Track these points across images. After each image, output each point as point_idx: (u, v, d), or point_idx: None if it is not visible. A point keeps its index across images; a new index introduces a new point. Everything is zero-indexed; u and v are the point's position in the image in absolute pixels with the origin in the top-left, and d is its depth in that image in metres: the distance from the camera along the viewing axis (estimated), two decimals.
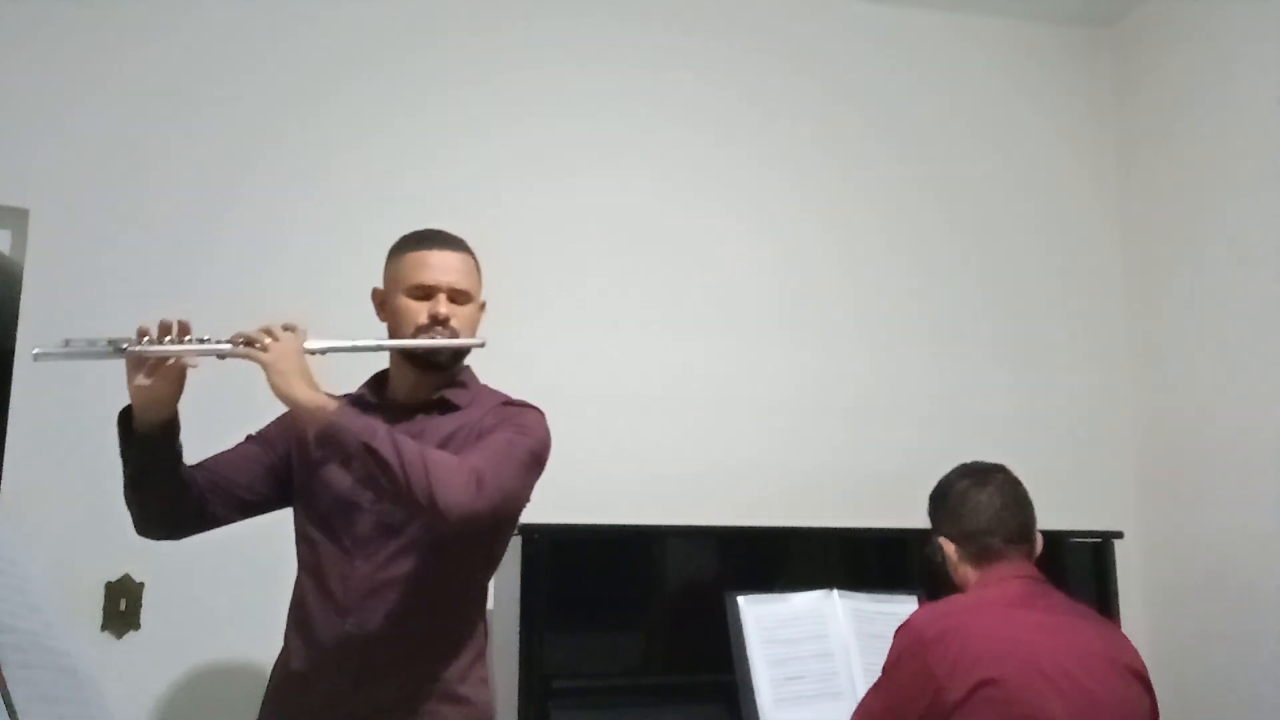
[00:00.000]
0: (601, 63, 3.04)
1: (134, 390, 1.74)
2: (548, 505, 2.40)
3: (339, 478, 1.85)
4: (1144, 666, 1.85)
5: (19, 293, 2.58)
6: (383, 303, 1.97)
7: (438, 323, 1.88)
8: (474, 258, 1.98)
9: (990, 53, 3.35)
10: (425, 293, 1.90)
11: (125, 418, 1.78)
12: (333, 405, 1.69)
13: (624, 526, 2.49)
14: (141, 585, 2.52)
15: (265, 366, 1.71)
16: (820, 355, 3.05)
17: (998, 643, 1.75)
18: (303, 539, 1.93)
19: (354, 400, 1.96)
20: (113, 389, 2.52)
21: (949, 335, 3.16)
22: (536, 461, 1.87)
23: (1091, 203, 3.35)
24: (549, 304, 2.89)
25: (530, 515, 2.28)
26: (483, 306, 2.00)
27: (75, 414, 2.53)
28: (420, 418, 1.91)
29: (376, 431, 1.67)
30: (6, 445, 2.50)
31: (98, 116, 2.67)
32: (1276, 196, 2.80)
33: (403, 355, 1.94)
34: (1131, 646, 1.88)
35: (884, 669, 1.86)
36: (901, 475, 2.90)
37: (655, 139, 3.03)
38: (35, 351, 1.64)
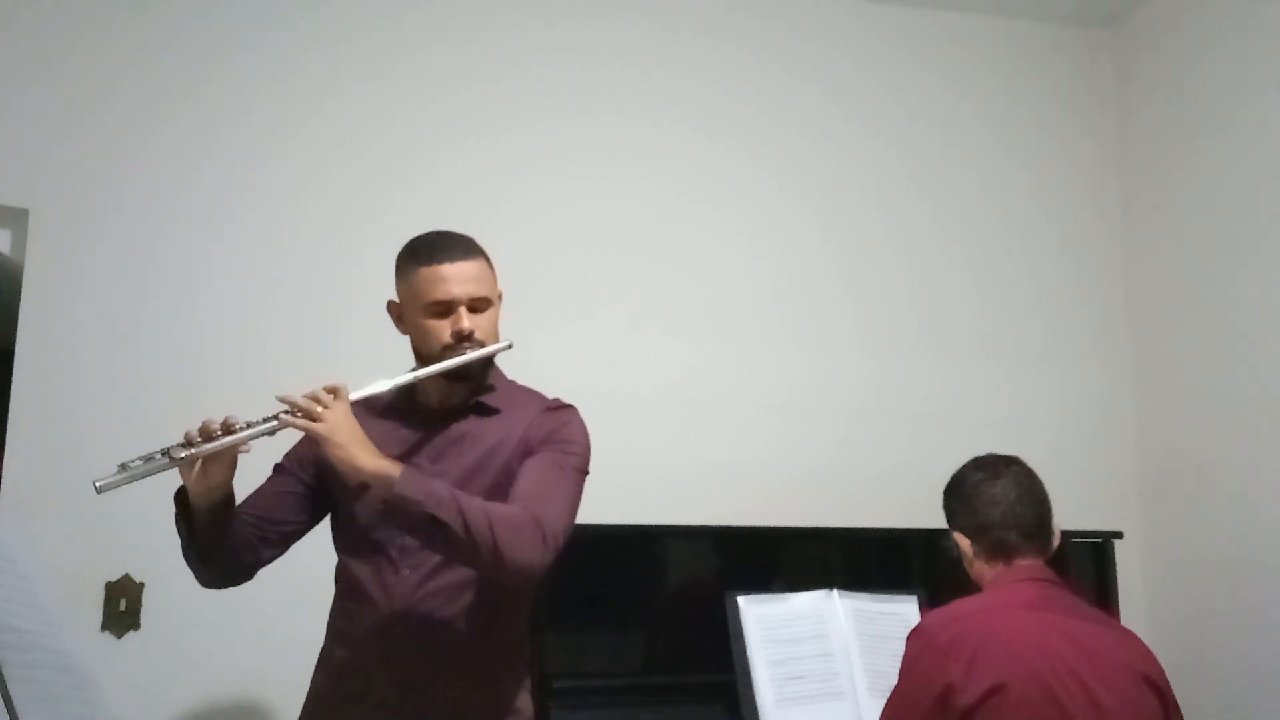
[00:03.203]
0: (601, 66, 3.04)
1: (190, 485, 1.73)
2: None
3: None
4: (1161, 674, 1.83)
5: (19, 293, 2.59)
6: (400, 316, 1.94)
7: (463, 339, 1.85)
8: (486, 258, 1.93)
9: (987, 53, 3.35)
10: (445, 309, 1.85)
11: (181, 498, 1.78)
12: (396, 472, 1.67)
13: (624, 526, 2.49)
14: (141, 585, 2.52)
15: (323, 439, 1.69)
16: (820, 356, 3.05)
17: (1011, 648, 1.73)
18: (345, 551, 1.91)
19: (386, 409, 1.94)
20: (112, 389, 2.54)
21: (948, 335, 3.16)
22: (583, 476, 1.90)
23: (1092, 202, 3.35)
24: (549, 305, 2.88)
25: None
26: (499, 298, 1.96)
27: (75, 414, 2.53)
28: (457, 425, 1.90)
29: (441, 498, 1.66)
30: (6, 445, 2.50)
31: (98, 116, 2.67)
32: (1278, 196, 2.81)
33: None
34: (1148, 653, 1.85)
35: (900, 671, 1.84)
36: (902, 475, 2.91)
37: (655, 141, 3.03)
38: (97, 484, 1.61)
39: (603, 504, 2.60)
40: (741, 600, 2.27)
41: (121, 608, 2.51)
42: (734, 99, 3.12)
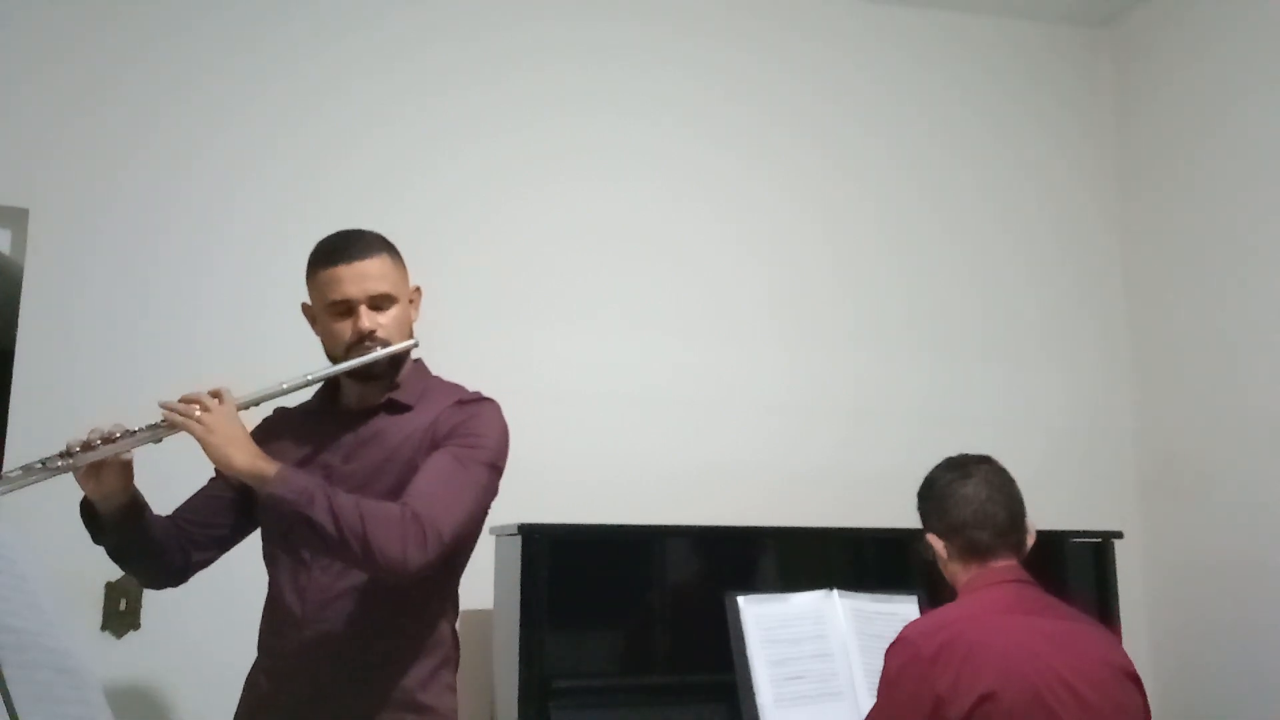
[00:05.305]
0: (601, 66, 3.04)
1: (89, 492, 1.78)
2: (548, 505, 2.41)
3: None
4: (1133, 666, 1.84)
5: (19, 293, 2.59)
6: (313, 319, 1.95)
7: (364, 338, 1.85)
8: (390, 253, 1.90)
9: (986, 52, 3.35)
10: (345, 309, 1.86)
11: (88, 507, 1.82)
12: (271, 471, 1.69)
13: (624, 526, 2.49)
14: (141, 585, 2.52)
15: (200, 440, 1.71)
16: (819, 356, 3.05)
17: (998, 655, 1.72)
18: (265, 555, 1.94)
19: (312, 411, 1.97)
20: (112, 388, 2.54)
21: (948, 335, 3.16)
22: (493, 470, 1.86)
23: (1091, 202, 3.35)
24: (549, 305, 2.89)
25: (530, 515, 2.29)
26: (416, 293, 1.96)
27: (75, 413, 2.51)
28: (372, 423, 1.91)
29: (313, 496, 1.68)
30: (6, 445, 2.50)
31: (97, 116, 2.67)
32: (1276, 195, 2.81)
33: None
34: (1120, 646, 1.87)
35: (881, 686, 1.83)
36: (902, 475, 2.87)
37: (654, 141, 3.03)
38: None
39: (603, 504, 2.63)
40: (741, 600, 2.27)
41: (121, 608, 2.51)
42: (733, 99, 3.12)
